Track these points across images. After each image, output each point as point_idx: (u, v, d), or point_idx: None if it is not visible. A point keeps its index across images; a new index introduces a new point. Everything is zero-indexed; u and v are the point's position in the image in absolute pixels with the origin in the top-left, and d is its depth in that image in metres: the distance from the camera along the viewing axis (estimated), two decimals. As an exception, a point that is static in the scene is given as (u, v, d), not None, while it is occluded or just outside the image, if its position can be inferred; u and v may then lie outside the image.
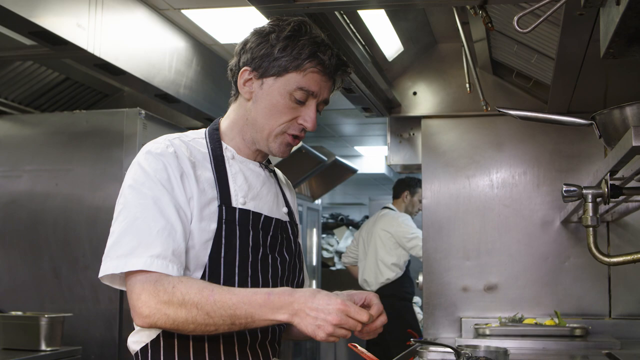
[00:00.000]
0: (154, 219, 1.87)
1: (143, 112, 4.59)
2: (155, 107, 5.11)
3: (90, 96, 5.33)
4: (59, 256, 4.64)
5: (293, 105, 2.04)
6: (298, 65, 2.01)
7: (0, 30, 3.78)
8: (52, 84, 5.00)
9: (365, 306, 1.89)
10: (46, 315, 4.06)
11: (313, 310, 1.74)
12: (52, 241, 4.66)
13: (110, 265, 1.86)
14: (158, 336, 1.94)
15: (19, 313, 4.23)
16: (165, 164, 1.94)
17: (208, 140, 2.10)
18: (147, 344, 1.96)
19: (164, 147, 1.98)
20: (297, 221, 2.34)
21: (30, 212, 4.73)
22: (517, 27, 1.66)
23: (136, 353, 1.99)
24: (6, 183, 4.81)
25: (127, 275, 1.85)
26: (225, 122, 2.16)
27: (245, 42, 2.10)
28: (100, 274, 1.90)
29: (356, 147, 9.73)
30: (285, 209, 2.22)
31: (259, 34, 2.08)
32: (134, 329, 2.02)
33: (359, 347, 2.03)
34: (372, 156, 10.09)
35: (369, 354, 2.03)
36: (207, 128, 2.17)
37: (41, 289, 4.64)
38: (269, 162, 2.28)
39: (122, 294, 4.48)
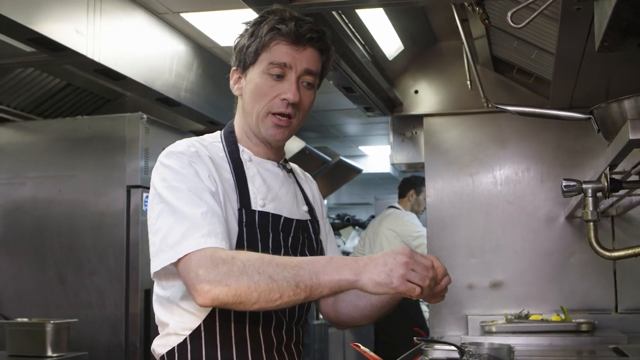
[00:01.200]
0: (195, 205, 1.86)
1: (145, 116, 4.60)
2: (157, 111, 5.11)
3: (93, 102, 5.34)
4: (64, 262, 4.65)
5: (272, 83, 2.05)
6: (263, 44, 2.05)
7: (0, 38, 3.78)
8: (54, 91, 5.01)
9: None
10: (52, 321, 4.07)
11: (379, 259, 1.72)
12: (57, 247, 4.67)
13: (164, 257, 1.84)
14: (185, 340, 1.94)
15: (25, 319, 4.24)
16: (189, 160, 1.96)
17: (225, 144, 2.13)
18: (173, 348, 1.96)
19: (186, 147, 2.01)
20: (323, 213, 2.35)
21: (34, 219, 4.74)
22: (511, 22, 1.66)
23: (162, 357, 1.99)
24: (10, 190, 4.82)
25: (180, 261, 1.82)
26: (236, 127, 2.18)
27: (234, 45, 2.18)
28: (155, 269, 1.88)
29: (361, 147, 9.72)
30: (305, 207, 2.23)
31: (241, 34, 2.15)
32: (138, 334, 2.02)
33: (362, 347, 2.03)
34: (377, 155, 10.08)
35: (371, 353, 2.02)
36: (222, 131, 2.19)
37: (47, 295, 4.65)
38: (286, 161, 2.28)
39: (128, 299, 4.49)
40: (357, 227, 11.06)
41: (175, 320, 1.97)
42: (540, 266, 4.27)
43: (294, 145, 6.56)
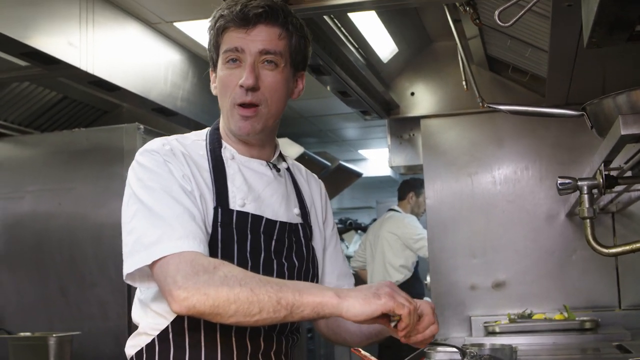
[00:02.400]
0: (170, 206, 1.81)
1: (142, 126, 4.59)
2: (155, 121, 5.10)
3: (90, 114, 5.34)
4: (66, 275, 4.64)
5: (230, 72, 1.95)
6: (217, 36, 1.99)
7: (-6, 53, 3.78)
8: (51, 104, 5.00)
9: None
10: (54, 335, 4.05)
11: (363, 288, 1.70)
12: (58, 260, 4.66)
13: (138, 258, 1.77)
14: (153, 340, 1.89)
15: (28, 334, 4.23)
16: (163, 159, 1.89)
17: (208, 141, 2.04)
18: (142, 348, 1.91)
19: (160, 144, 1.94)
20: (326, 217, 2.25)
21: (34, 233, 4.73)
22: (498, 21, 1.65)
23: (131, 357, 1.95)
24: (9, 205, 4.81)
25: (156, 263, 1.74)
26: (220, 125, 2.10)
27: None
28: (129, 270, 1.79)
29: (360, 151, 9.71)
30: (296, 210, 2.10)
31: None
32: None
33: (362, 351, 2.01)
34: (377, 159, 10.06)
35: (372, 358, 2.01)
36: (209, 129, 2.11)
37: (49, 309, 4.64)
38: (283, 159, 2.19)
39: (130, 310, 4.47)
40: (359, 231, 11.05)
41: (147, 321, 1.92)
42: (542, 265, 4.27)
43: (292, 151, 6.55)
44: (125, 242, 1.83)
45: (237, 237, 1.91)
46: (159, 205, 1.81)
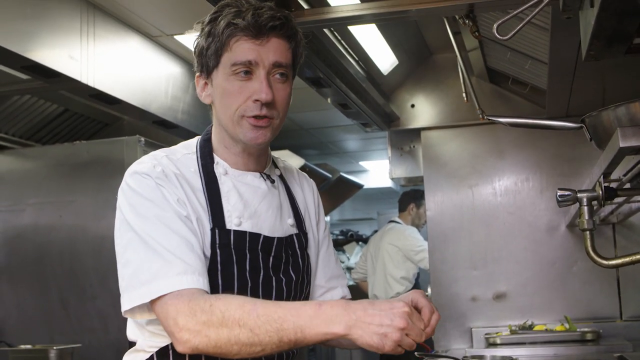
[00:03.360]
0: (166, 237, 1.75)
1: (143, 139, 4.60)
2: (155, 134, 5.11)
3: (91, 126, 5.35)
4: (66, 287, 4.64)
5: (240, 84, 1.86)
6: (223, 44, 1.86)
7: (-5, 66, 3.80)
8: (52, 117, 5.02)
9: (414, 308, 1.69)
10: (55, 348, 4.05)
11: (375, 316, 1.59)
12: (59, 273, 4.66)
13: (136, 295, 1.72)
14: (152, 356, 1.86)
15: (29, 346, 4.23)
16: (155, 183, 1.81)
17: (199, 155, 1.95)
18: None
19: (151, 166, 1.85)
20: (319, 218, 2.18)
21: (35, 245, 4.74)
22: (497, 34, 1.66)
23: None
24: (10, 217, 4.81)
25: (155, 301, 1.71)
26: (213, 136, 2.00)
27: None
28: (127, 307, 1.75)
29: (361, 162, 9.72)
30: (290, 221, 2.04)
31: (198, 35, 1.96)
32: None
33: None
34: (378, 170, 10.07)
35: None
36: (199, 139, 2.02)
37: (50, 321, 4.64)
38: (275, 166, 2.12)
39: (131, 322, 4.47)
40: (360, 243, 11.04)
41: (144, 339, 1.88)
42: (543, 276, 4.26)
43: (293, 163, 6.51)
44: (121, 275, 1.78)
45: (236, 258, 1.86)
46: (154, 236, 1.75)
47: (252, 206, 1.94)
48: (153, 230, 1.76)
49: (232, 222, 1.88)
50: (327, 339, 1.64)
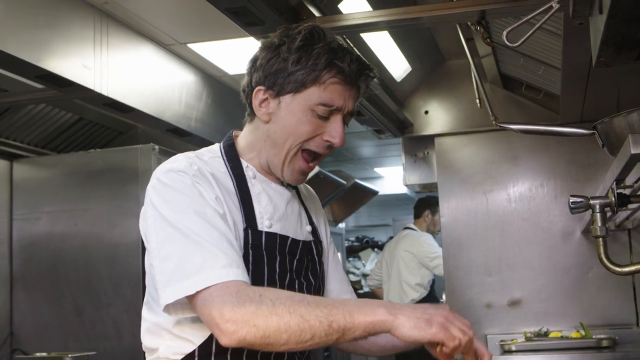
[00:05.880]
0: (207, 232, 1.71)
1: (157, 147, 4.62)
2: (169, 142, 5.13)
3: (105, 134, 5.37)
4: (81, 295, 4.66)
5: (318, 122, 1.86)
6: (316, 78, 1.83)
7: (10, 75, 3.81)
8: (66, 125, 5.04)
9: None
10: (70, 355, 4.07)
11: (418, 306, 1.61)
12: (73, 280, 4.68)
13: (180, 287, 1.67)
14: None
15: (44, 354, 4.25)
16: (192, 181, 1.79)
17: (225, 159, 1.94)
18: None
19: (187, 164, 1.83)
20: (327, 233, 2.20)
21: (50, 253, 4.76)
22: (506, 41, 1.65)
23: None
24: (26, 225, 4.85)
25: (198, 295, 1.66)
26: (242, 142, 1.99)
27: (255, 59, 1.94)
28: (170, 300, 1.69)
29: (376, 169, 9.71)
30: (308, 227, 2.06)
31: (268, 48, 1.90)
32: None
33: None
34: (393, 177, 10.06)
35: None
36: (222, 144, 2.00)
37: (64, 329, 4.66)
38: None
39: (145, 330, 4.48)
40: (376, 249, 11.03)
41: (166, 345, 1.85)
42: (558, 282, 4.24)
43: (308, 170, 6.55)
44: (162, 269, 1.73)
45: (267, 259, 1.86)
46: (194, 230, 1.72)
47: (280, 209, 1.96)
48: (193, 224, 1.73)
49: (264, 223, 1.89)
50: (374, 328, 1.60)
